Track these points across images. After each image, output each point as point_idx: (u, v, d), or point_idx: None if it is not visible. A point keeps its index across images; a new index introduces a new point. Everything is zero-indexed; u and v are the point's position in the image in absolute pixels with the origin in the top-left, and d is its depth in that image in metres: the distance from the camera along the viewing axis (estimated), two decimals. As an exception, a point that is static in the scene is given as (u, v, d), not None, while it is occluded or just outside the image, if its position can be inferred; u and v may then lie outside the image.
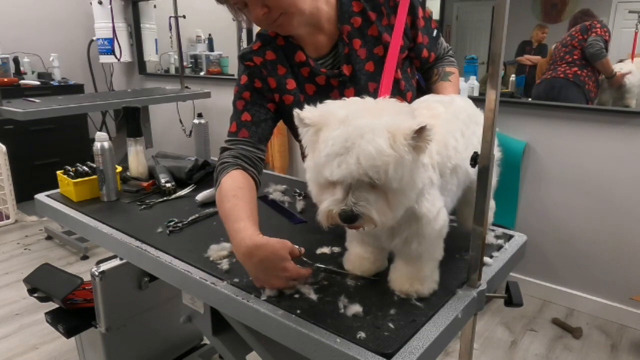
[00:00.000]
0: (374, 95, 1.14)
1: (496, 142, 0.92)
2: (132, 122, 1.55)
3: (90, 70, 4.24)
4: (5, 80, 3.73)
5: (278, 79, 1.18)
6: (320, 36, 1.17)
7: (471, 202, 1.02)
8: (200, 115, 1.86)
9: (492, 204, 1.09)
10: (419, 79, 1.35)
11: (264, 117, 1.20)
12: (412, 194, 0.79)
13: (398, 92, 1.18)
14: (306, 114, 0.78)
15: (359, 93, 1.16)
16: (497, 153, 1.00)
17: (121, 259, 1.43)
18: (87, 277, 1.48)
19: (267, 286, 0.91)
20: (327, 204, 0.76)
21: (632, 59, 2.23)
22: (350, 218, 0.74)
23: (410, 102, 1.21)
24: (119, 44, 4.03)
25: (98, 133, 1.42)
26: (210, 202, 1.39)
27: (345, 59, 1.17)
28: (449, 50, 1.33)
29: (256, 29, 1.22)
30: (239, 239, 0.91)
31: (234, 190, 1.03)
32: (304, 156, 0.85)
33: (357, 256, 0.97)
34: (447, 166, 0.90)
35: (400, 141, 0.72)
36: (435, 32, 1.26)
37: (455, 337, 0.94)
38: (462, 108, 1.02)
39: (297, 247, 0.93)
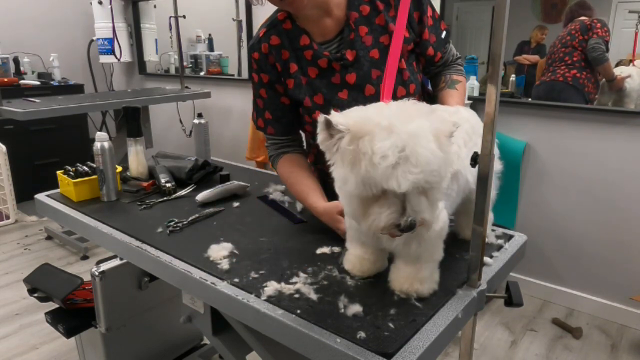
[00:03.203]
0: (377, 82, 1.18)
1: (498, 154, 0.92)
2: (132, 122, 1.55)
3: (90, 70, 4.24)
4: (5, 80, 3.74)
5: (282, 63, 1.24)
6: (328, 20, 1.20)
7: (470, 212, 1.03)
8: (200, 115, 1.86)
9: (490, 215, 1.09)
10: (425, 82, 1.36)
11: (281, 114, 1.30)
12: (443, 190, 0.79)
13: (401, 82, 1.19)
14: (339, 119, 0.74)
15: (361, 79, 1.20)
16: (497, 165, 1.00)
17: (121, 259, 1.43)
18: (87, 277, 1.48)
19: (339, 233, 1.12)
20: (389, 218, 0.73)
21: (633, 60, 2.22)
22: (412, 227, 0.74)
23: (413, 94, 1.23)
24: (119, 44, 4.03)
25: (98, 133, 1.42)
26: (210, 202, 1.39)
27: (349, 44, 1.19)
28: (458, 59, 1.35)
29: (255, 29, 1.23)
30: (313, 211, 1.21)
31: (288, 175, 1.30)
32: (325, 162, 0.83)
33: (357, 257, 0.97)
34: (449, 170, 0.90)
35: (444, 142, 0.74)
36: (444, 34, 1.27)
37: (455, 337, 0.94)
38: (466, 119, 1.03)
39: None
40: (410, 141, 0.70)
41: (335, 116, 0.75)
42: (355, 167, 0.72)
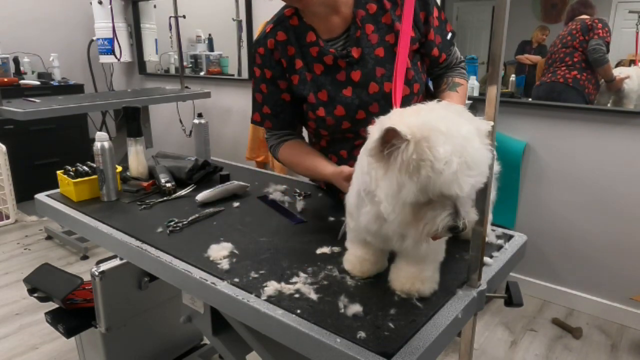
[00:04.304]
0: (381, 80, 1.20)
1: (495, 155, 0.92)
2: (132, 122, 1.55)
3: (90, 70, 4.24)
4: (5, 80, 3.73)
5: (288, 59, 1.25)
6: (335, 17, 1.21)
7: None
8: (200, 115, 1.86)
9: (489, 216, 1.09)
10: (427, 83, 1.36)
11: (280, 109, 1.31)
12: None
13: (406, 81, 1.20)
14: (404, 128, 0.71)
15: (366, 76, 1.21)
16: (495, 166, 1.00)
17: (121, 259, 1.43)
18: (87, 277, 1.48)
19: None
20: (446, 221, 0.73)
21: (637, 61, 2.22)
22: (464, 229, 0.74)
23: (417, 93, 1.23)
24: (119, 44, 4.03)
25: (98, 133, 1.42)
26: (210, 202, 1.39)
27: (355, 41, 1.20)
28: (461, 62, 1.35)
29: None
30: (323, 177, 1.26)
31: (291, 158, 1.34)
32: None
33: (358, 257, 0.97)
34: None
35: (485, 142, 0.74)
36: (449, 35, 1.29)
37: (455, 338, 0.94)
38: None
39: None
40: (466, 145, 0.70)
41: (398, 125, 0.71)
42: (414, 175, 0.70)
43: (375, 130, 0.74)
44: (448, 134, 0.70)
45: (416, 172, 0.70)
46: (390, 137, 0.72)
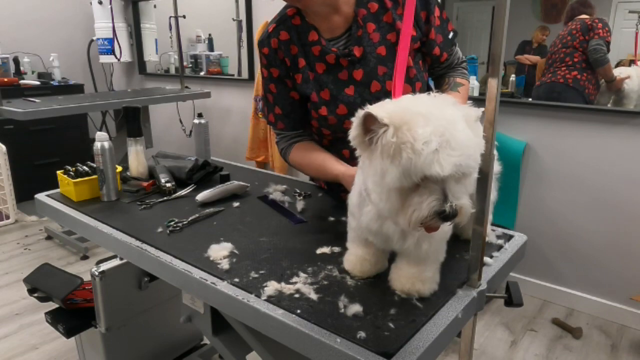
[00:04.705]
0: (383, 78, 1.21)
1: (496, 155, 0.92)
2: (132, 122, 1.55)
3: (90, 70, 4.24)
4: (5, 80, 3.74)
5: (291, 58, 1.26)
6: (336, 17, 1.21)
7: None
8: (200, 115, 1.86)
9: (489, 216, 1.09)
10: (429, 82, 1.37)
11: (291, 109, 1.32)
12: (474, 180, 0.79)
13: (407, 80, 1.20)
14: (381, 113, 0.71)
15: (367, 75, 1.22)
16: (496, 166, 1.00)
17: (121, 259, 1.43)
18: (87, 277, 1.48)
19: None
20: (431, 205, 0.71)
21: (636, 61, 2.22)
22: (456, 213, 0.71)
23: (419, 92, 1.23)
24: (119, 44, 4.03)
25: (98, 133, 1.42)
26: (210, 202, 1.39)
27: (357, 40, 1.21)
28: (463, 62, 1.36)
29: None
30: (334, 178, 1.23)
31: (301, 160, 1.33)
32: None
33: (358, 257, 0.97)
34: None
35: (475, 127, 0.74)
36: (451, 34, 1.29)
37: (455, 337, 0.94)
38: None
39: None
40: (449, 126, 0.69)
41: (376, 110, 0.72)
42: (395, 159, 0.70)
43: (355, 119, 0.75)
44: (429, 116, 0.70)
45: (397, 156, 0.70)
46: (370, 124, 0.73)
